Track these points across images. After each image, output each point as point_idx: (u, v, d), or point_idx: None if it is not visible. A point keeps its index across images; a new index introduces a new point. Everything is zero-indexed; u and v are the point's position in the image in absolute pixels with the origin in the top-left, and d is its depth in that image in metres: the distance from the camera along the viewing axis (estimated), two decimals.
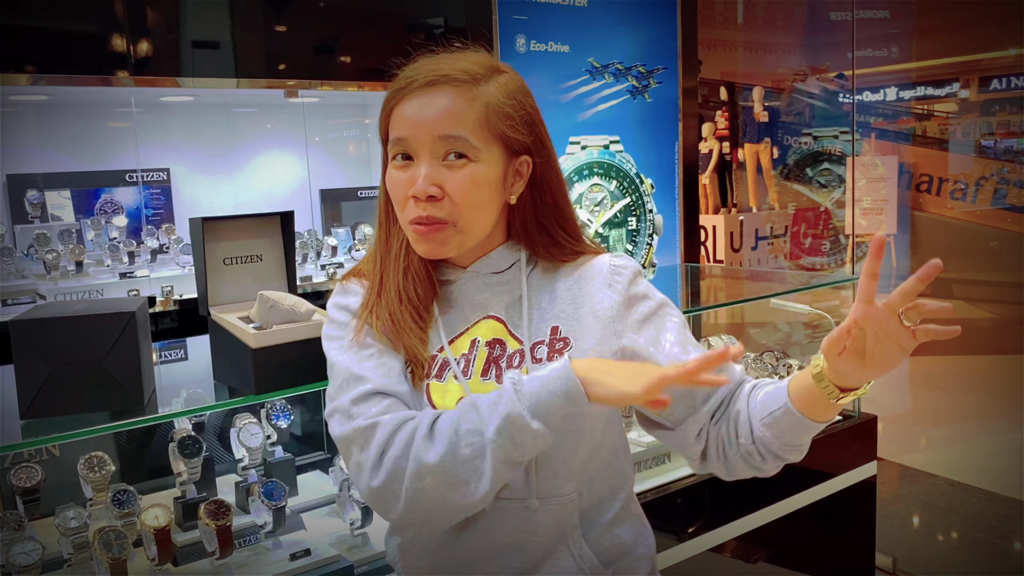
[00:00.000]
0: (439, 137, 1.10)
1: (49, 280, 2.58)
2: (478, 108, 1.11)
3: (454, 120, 1.10)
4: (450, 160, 1.11)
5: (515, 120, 1.14)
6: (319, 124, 3.48)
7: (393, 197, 1.16)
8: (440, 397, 1.14)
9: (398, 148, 1.14)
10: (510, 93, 1.15)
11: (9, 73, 2.39)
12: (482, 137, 1.11)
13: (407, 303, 1.17)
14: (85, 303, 1.47)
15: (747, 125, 7.00)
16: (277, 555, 1.67)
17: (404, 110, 1.13)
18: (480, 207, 1.13)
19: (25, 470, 1.62)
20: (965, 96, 7.60)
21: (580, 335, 1.16)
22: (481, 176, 1.11)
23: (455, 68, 1.12)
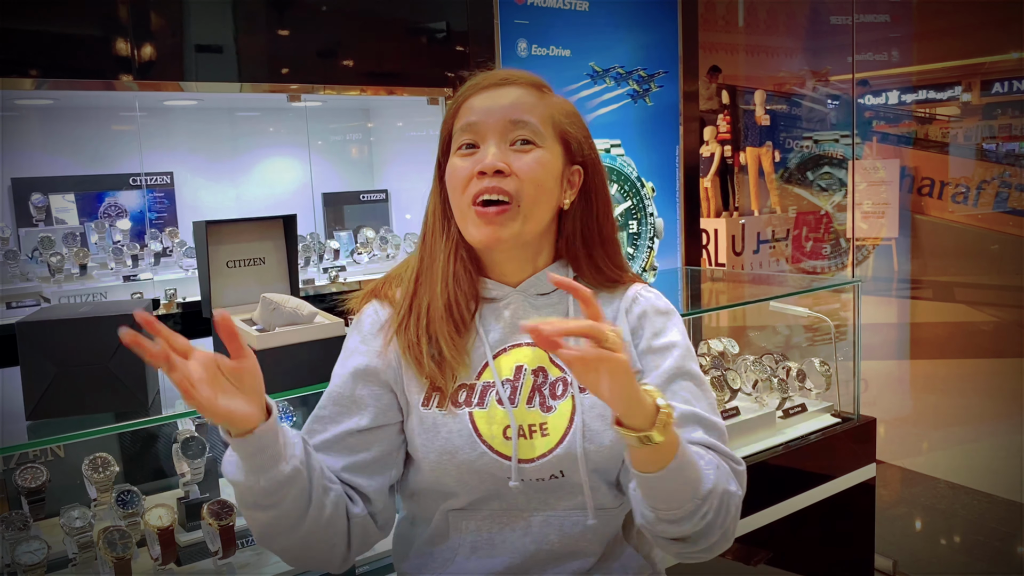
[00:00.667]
0: (510, 121, 1.13)
1: (53, 283, 2.60)
2: (545, 105, 1.17)
3: (525, 108, 1.14)
4: (518, 146, 1.14)
5: (577, 126, 1.20)
6: (321, 128, 3.50)
7: (455, 182, 1.15)
8: (487, 425, 1.13)
9: (465, 136, 1.15)
10: (571, 110, 1.21)
11: (14, 77, 2.41)
12: (547, 131, 1.16)
13: (452, 312, 1.16)
14: (90, 305, 1.49)
15: (749, 128, 7.02)
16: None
17: (476, 101, 1.16)
18: (542, 190, 1.14)
19: (30, 470, 1.64)
20: (967, 99, 7.61)
21: None
22: (546, 161, 1.15)
23: (522, 75, 1.19)
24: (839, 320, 3.23)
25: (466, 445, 1.13)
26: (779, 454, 2.39)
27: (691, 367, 1.17)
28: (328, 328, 1.54)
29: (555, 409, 1.14)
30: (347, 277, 3.05)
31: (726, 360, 2.59)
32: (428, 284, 1.18)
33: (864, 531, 2.71)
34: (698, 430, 1.12)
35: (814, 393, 2.66)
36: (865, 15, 6.80)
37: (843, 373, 2.74)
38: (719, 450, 1.12)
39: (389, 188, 3.60)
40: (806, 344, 5.16)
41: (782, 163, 7.06)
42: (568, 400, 1.15)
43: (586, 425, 1.13)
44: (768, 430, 2.45)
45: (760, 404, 2.50)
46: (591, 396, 1.10)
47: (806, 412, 2.58)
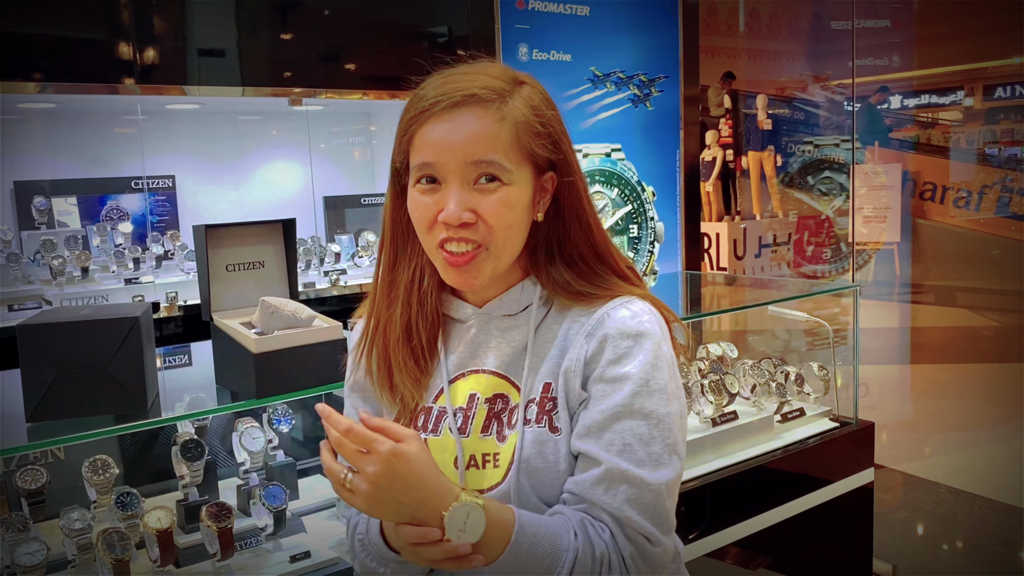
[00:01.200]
0: (471, 162, 1.04)
1: (55, 285, 2.61)
2: (508, 128, 1.06)
3: (487, 144, 1.04)
4: (481, 183, 1.05)
5: (543, 137, 1.09)
6: (323, 131, 3.51)
7: (418, 220, 1.09)
8: (439, 453, 1.11)
9: (424, 172, 1.07)
10: (536, 107, 1.09)
11: (17, 81, 2.43)
12: (513, 159, 1.06)
13: (414, 339, 1.14)
14: (91, 308, 1.50)
15: (750, 133, 7.02)
16: (277, 557, 1.69)
17: (430, 133, 1.06)
18: (513, 228, 1.08)
19: (30, 472, 1.65)
20: (969, 104, 7.61)
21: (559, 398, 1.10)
22: (514, 199, 1.06)
23: (479, 85, 1.06)
24: (839, 324, 3.23)
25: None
26: (777, 458, 2.39)
27: (642, 405, 1.05)
28: (326, 331, 1.55)
29: (507, 439, 1.10)
30: (348, 280, 3.06)
31: (725, 364, 2.60)
32: (387, 303, 1.15)
33: (863, 535, 2.72)
34: (620, 493, 1.02)
35: (812, 397, 2.67)
36: (866, 20, 6.81)
37: (843, 378, 2.74)
38: (629, 524, 1.02)
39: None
40: (805, 348, 5.16)
41: (784, 167, 7.07)
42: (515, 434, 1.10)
43: (524, 465, 1.07)
44: (766, 434, 2.46)
45: (758, 408, 2.51)
46: (531, 436, 1.08)
47: (804, 416, 2.59)
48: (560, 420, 1.09)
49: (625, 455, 1.03)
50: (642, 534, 1.02)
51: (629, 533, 1.02)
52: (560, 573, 0.99)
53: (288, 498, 1.75)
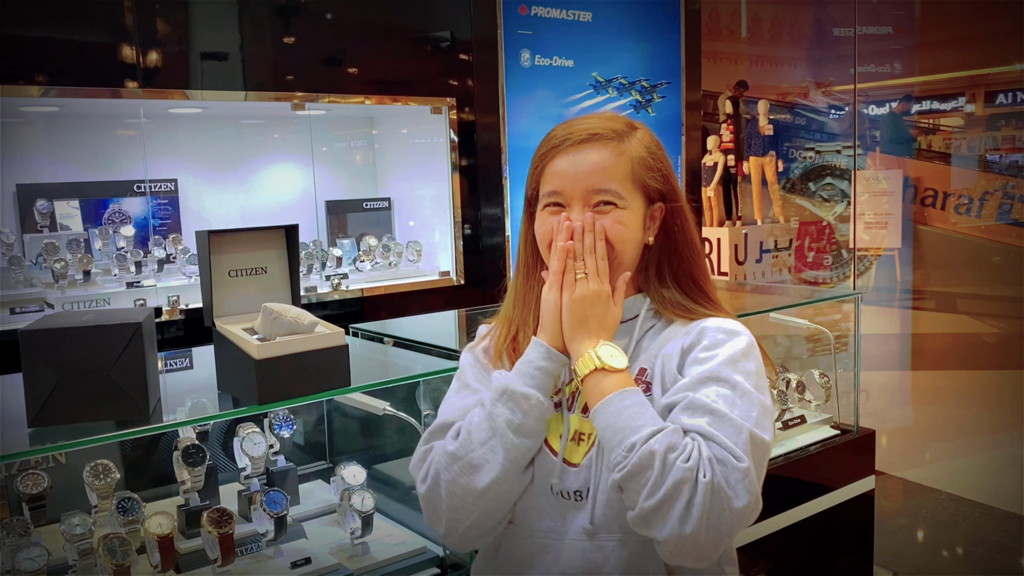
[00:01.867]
0: (593, 190, 1.24)
1: (57, 289, 2.61)
2: (625, 162, 1.25)
3: (606, 175, 1.24)
4: (600, 207, 1.24)
5: (654, 171, 1.28)
6: (326, 136, 3.51)
7: (542, 236, 1.28)
8: (555, 426, 1.25)
9: (551, 199, 1.26)
10: (649, 147, 1.29)
11: (20, 84, 2.43)
12: (628, 188, 1.25)
13: None
14: (93, 313, 1.50)
15: (752, 138, 7.02)
16: (278, 563, 1.69)
17: (558, 166, 1.26)
18: (626, 244, 1.25)
19: (32, 477, 1.65)
20: (971, 111, 7.61)
21: (655, 381, 1.22)
22: (627, 219, 1.25)
23: (601, 127, 1.26)
24: (840, 331, 3.23)
25: None
26: (779, 465, 2.39)
27: (729, 374, 1.15)
28: (328, 338, 1.55)
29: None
30: (349, 285, 3.06)
31: None
32: (522, 311, 1.33)
33: (863, 543, 2.71)
34: (703, 418, 1.10)
35: (813, 405, 2.66)
36: (868, 27, 6.82)
37: (843, 385, 2.74)
38: (713, 438, 1.08)
39: (392, 196, 3.61)
40: (806, 355, 5.15)
41: (785, 173, 7.06)
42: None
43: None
44: None
45: None
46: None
47: (805, 424, 2.58)
48: (653, 400, 1.19)
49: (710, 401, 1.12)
50: (726, 449, 1.07)
51: (713, 447, 1.07)
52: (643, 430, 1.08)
53: (289, 504, 1.75)
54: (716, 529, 1.04)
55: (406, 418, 1.81)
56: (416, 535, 1.88)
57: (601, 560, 1.18)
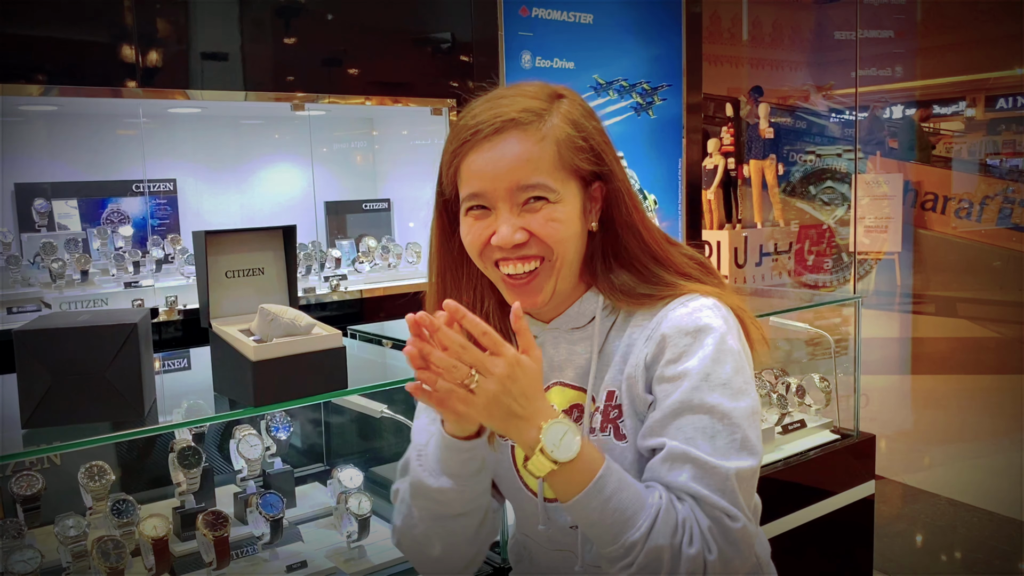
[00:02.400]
0: (517, 187, 1.07)
1: (55, 288, 2.60)
2: (549, 147, 1.08)
3: (530, 168, 1.07)
4: (530, 204, 1.08)
5: (585, 151, 1.11)
6: (325, 137, 3.50)
7: (471, 245, 1.12)
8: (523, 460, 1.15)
9: (473, 202, 1.11)
10: (575, 122, 1.11)
11: (20, 83, 2.42)
12: (558, 177, 1.09)
13: None
14: (88, 313, 1.49)
15: (752, 141, 7.01)
16: (274, 566, 1.68)
17: (474, 163, 1.09)
18: (566, 243, 1.10)
19: (26, 478, 1.64)
20: (971, 115, 7.61)
21: (626, 403, 1.12)
22: (563, 214, 1.09)
23: (517, 109, 1.09)
24: (840, 335, 3.22)
25: (507, 476, 1.18)
26: (778, 470, 2.38)
27: (703, 399, 1.04)
28: (326, 340, 1.54)
29: None
30: (348, 286, 3.05)
31: None
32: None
33: (863, 548, 2.70)
34: (684, 472, 1.01)
35: (813, 409, 2.65)
36: (869, 30, 6.81)
37: (843, 389, 2.73)
38: (702, 499, 1.00)
39: (392, 197, 3.60)
40: (806, 359, 5.14)
41: (785, 176, 7.06)
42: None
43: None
44: (767, 446, 2.44)
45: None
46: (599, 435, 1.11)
47: (805, 428, 2.57)
48: (627, 428, 1.10)
49: (689, 445, 1.02)
50: (718, 509, 1.00)
51: (705, 508, 1.00)
52: (642, 525, 0.97)
53: (285, 507, 1.74)
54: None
55: (404, 421, 1.80)
56: None
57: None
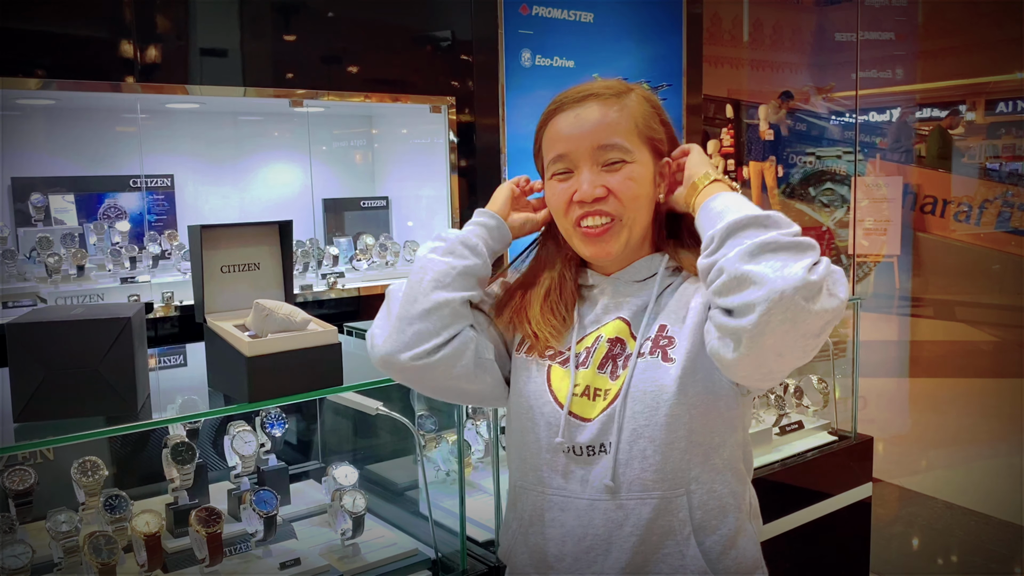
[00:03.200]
0: (598, 147, 1.20)
1: (50, 283, 2.59)
2: (627, 116, 1.22)
3: (609, 130, 1.21)
4: (609, 165, 1.21)
5: (659, 124, 1.26)
6: (324, 134, 3.49)
7: (555, 206, 1.26)
8: (559, 381, 1.25)
9: (558, 165, 1.24)
10: (650, 100, 1.27)
11: (18, 77, 2.41)
12: (634, 142, 1.22)
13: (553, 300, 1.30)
14: (82, 308, 1.48)
15: (752, 143, 7.01)
16: (267, 563, 1.67)
17: (558, 126, 1.23)
18: (640, 201, 1.23)
19: (18, 473, 1.63)
20: (971, 119, 7.61)
21: (681, 333, 1.20)
22: (638, 174, 1.22)
23: (599, 87, 1.24)
24: (838, 337, 3.21)
25: (537, 391, 1.25)
26: (775, 471, 2.37)
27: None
28: (321, 336, 1.53)
29: (619, 377, 1.21)
30: (345, 284, 3.04)
31: None
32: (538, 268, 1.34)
33: (860, 550, 2.69)
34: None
35: (811, 411, 2.65)
36: (870, 32, 6.81)
37: (841, 391, 2.72)
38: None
39: (390, 195, 3.59)
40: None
41: (785, 178, 7.05)
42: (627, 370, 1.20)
43: (631, 391, 1.18)
44: (764, 447, 2.44)
45: (756, 421, 2.49)
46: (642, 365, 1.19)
47: (803, 429, 2.57)
48: (676, 351, 1.18)
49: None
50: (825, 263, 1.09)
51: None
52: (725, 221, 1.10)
53: (279, 503, 1.73)
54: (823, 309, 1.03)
55: (399, 418, 1.79)
56: (408, 537, 1.86)
57: (622, 518, 1.17)
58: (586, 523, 1.19)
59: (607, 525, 1.18)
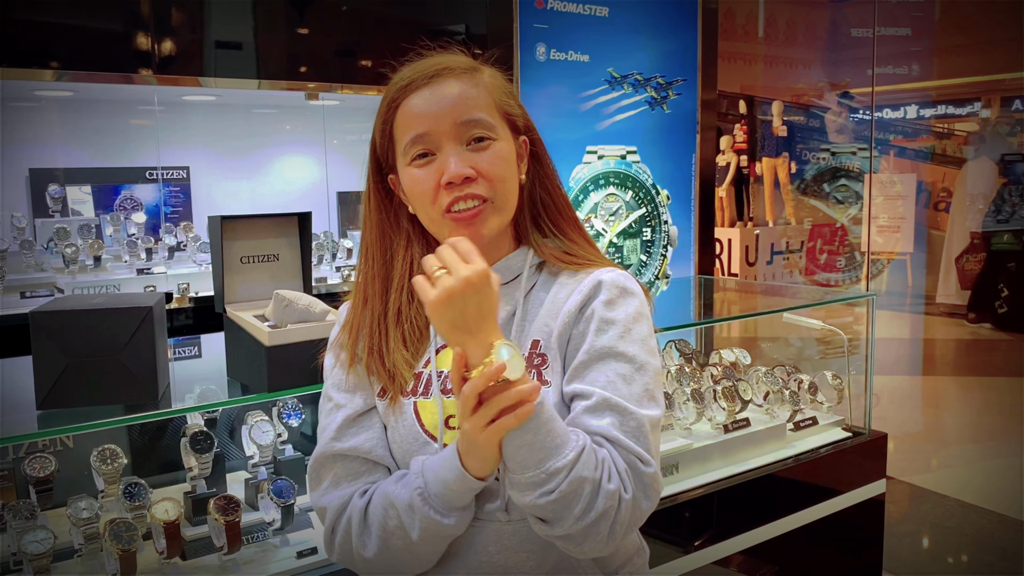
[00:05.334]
0: (462, 123, 1.10)
1: (68, 274, 2.61)
2: (484, 91, 1.14)
3: (470, 103, 1.11)
4: (474, 144, 1.11)
5: (513, 100, 1.19)
6: (338, 127, 3.50)
7: (421, 194, 1.12)
8: (429, 414, 1.14)
9: (417, 147, 1.11)
10: (501, 78, 1.19)
11: (35, 68, 2.43)
12: (495, 118, 1.14)
13: (406, 324, 1.16)
14: (103, 297, 1.49)
15: (765, 139, 6.99)
16: (284, 552, 1.68)
17: (414, 105, 1.11)
18: (509, 182, 1.14)
19: (39, 460, 1.64)
20: (986, 115, 7.57)
21: (553, 350, 1.14)
22: (505, 152, 1.13)
23: (451, 62, 1.14)
24: (852, 334, 3.20)
25: (410, 434, 1.14)
26: (789, 467, 2.37)
27: (625, 349, 1.10)
28: None
29: None
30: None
31: (738, 371, 2.58)
32: (379, 293, 1.18)
33: (872, 548, 2.69)
34: (606, 418, 1.06)
35: (825, 407, 2.64)
36: (887, 28, 6.77)
37: (855, 387, 2.72)
38: (619, 443, 1.05)
39: None
40: (818, 357, 5.13)
41: (798, 174, 7.03)
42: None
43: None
44: (778, 442, 2.43)
45: (771, 416, 2.48)
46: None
47: (817, 425, 2.56)
48: (551, 373, 1.13)
49: (609, 389, 1.08)
50: (632, 454, 1.06)
51: (621, 452, 1.06)
52: (567, 455, 1.01)
53: (296, 493, 1.74)
54: (630, 531, 1.06)
55: None
56: None
57: (518, 543, 1.12)
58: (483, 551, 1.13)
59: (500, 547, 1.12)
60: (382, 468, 1.17)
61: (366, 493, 1.14)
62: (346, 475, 1.16)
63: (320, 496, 1.17)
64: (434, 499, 1.06)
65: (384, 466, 1.17)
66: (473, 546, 1.13)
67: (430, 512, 1.06)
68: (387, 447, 1.17)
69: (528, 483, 1.01)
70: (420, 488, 1.07)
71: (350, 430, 1.17)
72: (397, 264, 1.18)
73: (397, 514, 1.08)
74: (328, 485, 1.16)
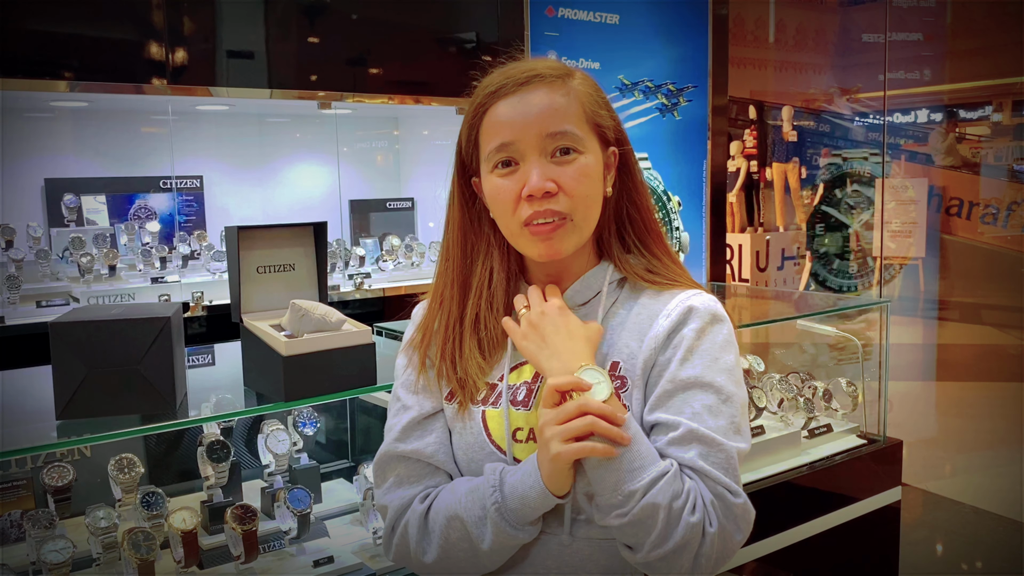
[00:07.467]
0: (548, 135, 1.07)
1: (83, 283, 2.62)
2: (575, 101, 1.10)
3: (559, 114, 1.07)
4: (558, 156, 1.08)
5: (605, 109, 1.14)
6: (350, 135, 3.52)
7: (502, 204, 1.10)
8: (497, 424, 1.13)
9: (501, 155, 1.09)
10: (594, 86, 1.15)
11: (49, 79, 2.45)
12: (583, 129, 1.09)
13: (483, 332, 1.16)
14: (121, 307, 1.50)
15: (776, 144, 6.97)
16: (301, 561, 1.68)
17: (501, 113, 1.08)
18: (591, 198, 1.10)
19: (57, 469, 1.65)
20: (998, 120, 7.53)
21: (635, 374, 1.11)
22: (590, 168, 1.10)
23: (542, 67, 1.10)
24: (865, 340, 3.19)
25: (476, 443, 1.14)
26: (804, 474, 2.36)
27: (713, 379, 1.07)
28: (356, 336, 1.55)
29: None
30: (372, 284, 3.06)
31: (751, 378, 2.57)
32: (456, 297, 1.17)
33: (888, 555, 2.67)
34: (692, 450, 1.04)
35: (840, 413, 2.63)
36: (898, 32, 6.75)
37: (869, 394, 2.70)
38: (707, 475, 1.03)
39: (415, 196, 3.61)
40: (833, 363, 5.10)
41: (809, 180, 7.01)
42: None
43: None
44: (793, 450, 2.42)
45: (785, 423, 2.48)
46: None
47: (832, 432, 2.55)
48: (631, 398, 1.10)
49: (695, 421, 1.05)
50: (721, 485, 1.03)
51: (708, 484, 1.03)
52: (644, 478, 1.00)
53: (312, 502, 1.75)
54: (721, 564, 1.03)
55: None
56: None
57: (578, 563, 1.10)
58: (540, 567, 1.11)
59: (561, 568, 1.10)
60: (443, 473, 1.17)
61: (426, 499, 1.14)
62: (408, 477, 1.16)
63: (384, 494, 1.17)
64: (510, 513, 1.05)
65: (445, 471, 1.17)
66: (531, 559, 1.12)
67: (505, 526, 1.06)
68: (450, 452, 1.17)
69: (606, 503, 1.01)
70: (497, 503, 1.06)
71: (415, 433, 1.17)
72: (477, 269, 1.18)
73: (462, 525, 1.08)
74: (391, 484, 1.17)
